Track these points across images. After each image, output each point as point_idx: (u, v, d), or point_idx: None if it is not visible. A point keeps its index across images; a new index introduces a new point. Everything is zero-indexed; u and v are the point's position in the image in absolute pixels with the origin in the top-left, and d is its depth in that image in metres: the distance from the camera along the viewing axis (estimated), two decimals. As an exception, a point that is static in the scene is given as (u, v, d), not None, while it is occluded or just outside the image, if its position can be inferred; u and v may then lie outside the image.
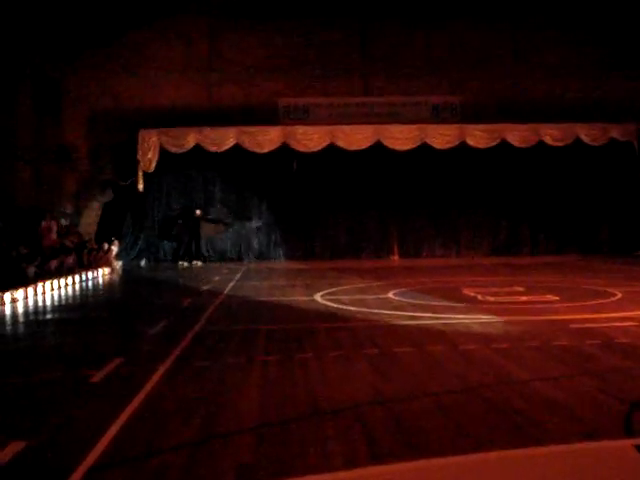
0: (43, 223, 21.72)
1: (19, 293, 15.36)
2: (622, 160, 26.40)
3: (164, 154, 25.37)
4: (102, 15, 25.49)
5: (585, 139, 25.96)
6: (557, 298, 13.82)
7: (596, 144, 26.07)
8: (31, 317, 13.37)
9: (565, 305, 12.86)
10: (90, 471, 4.75)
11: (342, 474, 4.71)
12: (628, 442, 5.22)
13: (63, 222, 25.19)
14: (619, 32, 26.53)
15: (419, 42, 26.80)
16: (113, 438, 5.43)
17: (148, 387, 7.01)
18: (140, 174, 25.09)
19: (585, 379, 7.13)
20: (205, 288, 17.14)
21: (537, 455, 5.02)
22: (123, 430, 5.64)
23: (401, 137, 25.92)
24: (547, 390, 6.71)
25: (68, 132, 26.19)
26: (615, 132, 26.10)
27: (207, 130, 25.43)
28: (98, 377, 7.48)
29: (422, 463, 4.85)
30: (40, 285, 16.83)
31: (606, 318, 11.09)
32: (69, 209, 26.00)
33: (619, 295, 14.08)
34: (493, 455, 5.00)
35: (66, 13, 24.55)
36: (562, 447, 5.17)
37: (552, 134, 25.91)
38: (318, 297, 14.87)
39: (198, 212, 25.60)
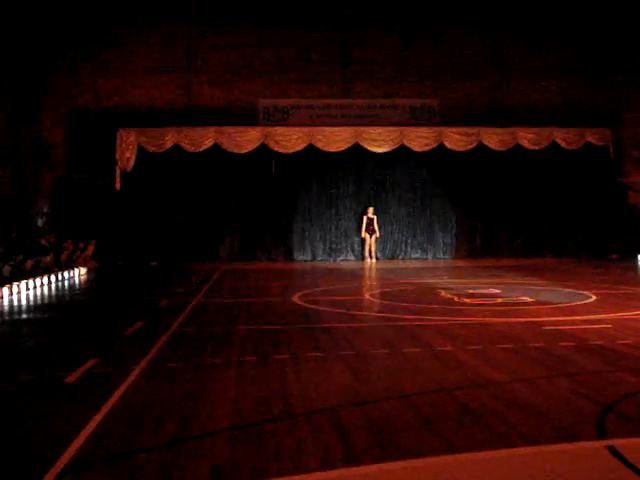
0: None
1: (-6, 293, 15.24)
2: (597, 165, 26.62)
3: (142, 154, 25.25)
4: (82, 14, 25.39)
5: (561, 143, 26.16)
6: (532, 300, 13.93)
7: (572, 148, 26.27)
8: (6, 317, 13.26)
9: (540, 307, 12.96)
10: (63, 472, 4.73)
11: (316, 475, 4.72)
12: (601, 444, 5.28)
13: (40, 221, 25.04)
14: (596, 38, 26.78)
15: (398, 46, 26.87)
16: (87, 439, 5.41)
17: (123, 388, 6.99)
18: (118, 173, 24.95)
19: (559, 381, 7.20)
20: (182, 288, 17.08)
21: (510, 457, 5.06)
22: (97, 431, 5.62)
23: (379, 139, 25.99)
24: (521, 392, 6.76)
25: (46, 131, 26.01)
26: (591, 137, 26.31)
27: (186, 130, 25.35)
28: (72, 378, 7.44)
29: (394, 465, 4.87)
30: (15, 285, 16.68)
31: (581, 320, 11.19)
32: (46, 208, 25.82)
33: (594, 298, 14.21)
34: (465, 457, 5.03)
35: (46, 11, 24.42)
36: (535, 449, 5.22)
37: (529, 138, 26.10)
38: (296, 298, 14.88)
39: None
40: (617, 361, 8.14)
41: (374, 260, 26.55)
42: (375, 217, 26.78)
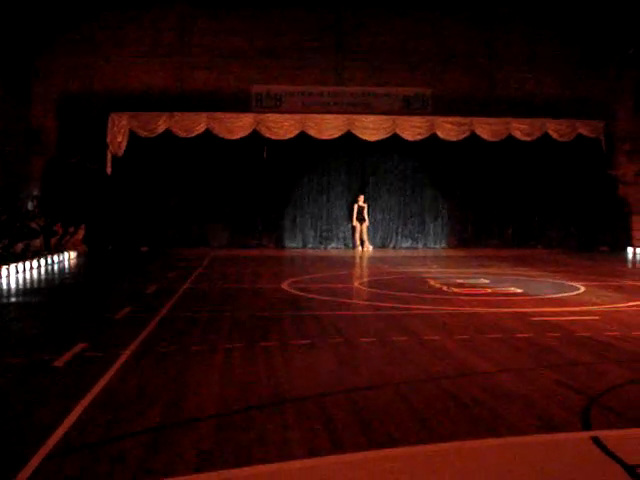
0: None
1: (-17, 275, 15.19)
2: (589, 156, 26.65)
3: (134, 138, 25.14)
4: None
5: (553, 134, 26.17)
6: (521, 291, 13.98)
7: (564, 140, 26.30)
8: (-6, 300, 13.23)
9: (529, 298, 13.01)
10: (49, 456, 4.72)
11: (302, 462, 4.73)
12: (586, 434, 5.31)
13: (30, 205, 24.94)
14: (589, 30, 26.77)
15: (392, 33, 26.81)
16: (73, 424, 5.41)
17: (110, 373, 6.98)
18: (109, 158, 24.84)
19: (546, 372, 7.23)
20: (172, 274, 17.06)
21: (495, 446, 5.09)
22: (84, 416, 5.62)
23: (372, 127, 25.94)
24: (507, 382, 6.79)
25: (37, 114, 25.88)
26: (583, 129, 26.33)
27: (178, 115, 25.24)
28: (60, 362, 7.43)
29: (380, 453, 4.89)
30: (5, 268, 16.63)
31: (569, 312, 11.23)
32: (37, 192, 25.71)
33: (582, 289, 14.27)
34: (451, 446, 5.05)
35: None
36: (520, 439, 5.24)
37: (521, 128, 26.09)
38: (285, 285, 14.89)
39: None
40: (604, 353, 8.18)
41: (368, 248, 26.55)
42: (366, 205, 26.78)
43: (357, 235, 26.93)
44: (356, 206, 26.80)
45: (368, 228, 26.97)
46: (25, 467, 4.53)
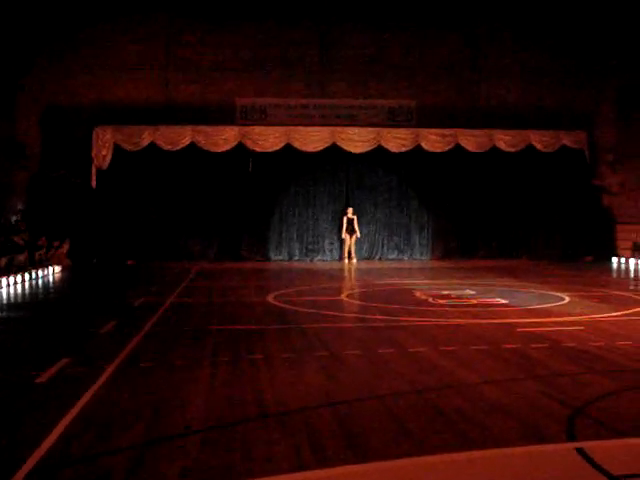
0: None
1: (-34, 291, 15.08)
2: (573, 167, 26.79)
3: (119, 152, 25.07)
4: (59, 10, 25.14)
5: (537, 146, 26.29)
6: (506, 302, 14.00)
7: (548, 151, 26.43)
8: (-22, 315, 13.13)
9: (514, 309, 13.03)
10: (31, 474, 4.69)
11: (287, 477, 4.71)
12: (571, 445, 5.32)
13: (14, 219, 24.79)
14: (572, 41, 26.94)
15: (377, 46, 26.88)
16: (56, 441, 5.37)
17: (94, 388, 6.94)
18: (94, 171, 24.75)
19: (531, 383, 7.24)
20: (157, 288, 16.99)
21: (481, 458, 5.09)
22: (67, 433, 5.58)
23: (357, 139, 25.99)
24: (493, 393, 6.80)
25: (21, 128, 25.76)
26: (566, 140, 26.47)
27: (162, 128, 25.18)
28: (44, 378, 7.38)
29: (365, 467, 4.87)
30: (-12, 283, 16.53)
31: (554, 322, 11.27)
32: (20, 205, 25.57)
33: (567, 299, 14.32)
34: (436, 458, 5.05)
35: (22, 8, 24.16)
36: (505, 450, 5.25)
37: (505, 140, 26.20)
38: (270, 298, 14.86)
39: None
40: (589, 363, 8.21)
41: (354, 260, 26.55)
42: (355, 217, 26.80)
43: (346, 248, 26.93)
44: (345, 218, 26.81)
45: (357, 240, 26.97)
46: (7, 485, 4.49)
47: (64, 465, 4.89)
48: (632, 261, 24.79)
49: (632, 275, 21.82)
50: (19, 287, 17.95)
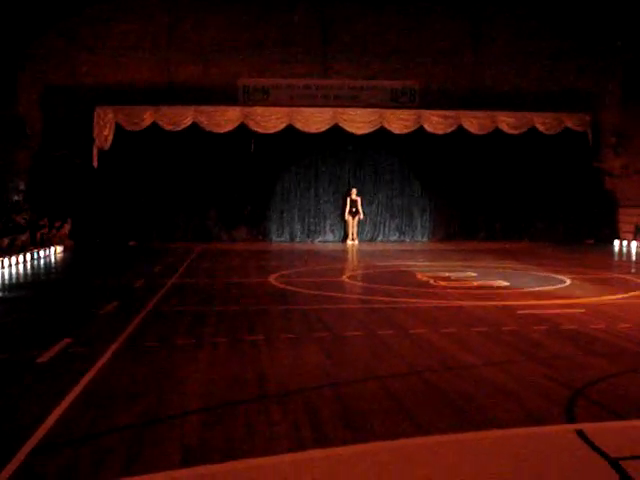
0: None
1: (-32, 270, 15.11)
2: (576, 150, 26.73)
3: (120, 132, 25.05)
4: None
5: (540, 128, 26.22)
6: (507, 284, 14.01)
7: (551, 133, 26.36)
8: (-20, 295, 13.15)
9: (515, 291, 13.05)
10: (32, 453, 4.71)
11: (287, 457, 4.74)
12: (570, 427, 5.34)
13: (16, 199, 24.79)
14: (577, 22, 26.79)
15: (380, 27, 26.73)
16: (57, 420, 5.40)
17: (95, 368, 6.97)
18: (95, 151, 24.73)
19: (531, 365, 7.26)
20: (159, 268, 17.02)
21: (480, 439, 5.11)
22: (68, 412, 5.61)
23: (359, 121, 25.92)
24: (493, 375, 6.81)
25: (23, 108, 25.68)
26: (569, 122, 26.40)
27: (164, 109, 25.14)
28: (45, 358, 7.41)
29: (365, 447, 4.89)
30: (-10, 262, 16.56)
31: (554, 305, 11.28)
32: (22, 186, 25.56)
33: (568, 282, 14.33)
34: (436, 439, 5.07)
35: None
36: (505, 432, 5.27)
37: (508, 122, 26.13)
38: (272, 279, 14.88)
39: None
40: (589, 346, 8.22)
41: (355, 242, 26.57)
42: (359, 199, 26.79)
43: (349, 229, 26.95)
44: (349, 199, 26.81)
45: (359, 222, 26.98)
46: (9, 463, 4.51)
47: (65, 444, 4.91)
48: (634, 244, 24.77)
49: (633, 258, 21.80)
50: (21, 267, 17.98)
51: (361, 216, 26.84)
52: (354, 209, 26.77)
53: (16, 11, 23.88)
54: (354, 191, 26.77)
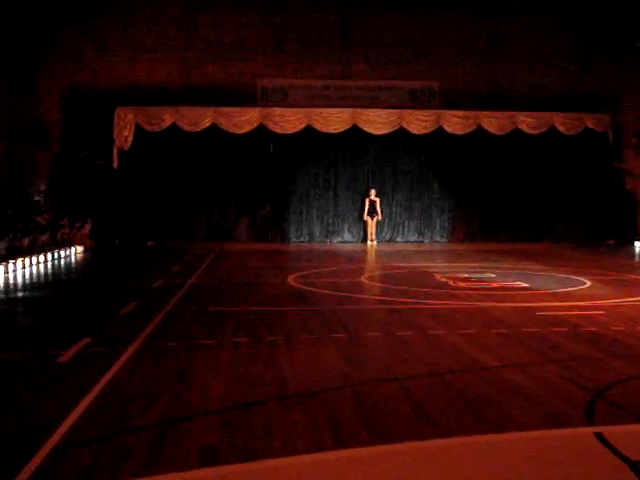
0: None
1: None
2: (596, 150, 26.55)
3: (140, 132, 25.17)
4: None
5: (560, 128, 26.07)
6: (527, 285, 13.95)
7: (571, 133, 26.20)
8: (1, 295, 13.25)
9: (535, 292, 12.98)
10: (53, 452, 4.74)
11: (306, 458, 4.74)
12: (589, 430, 5.31)
13: (37, 199, 24.98)
14: (597, 23, 26.61)
15: (399, 27, 26.69)
16: (78, 418, 5.44)
17: (115, 368, 7.01)
18: (115, 152, 24.85)
19: (550, 367, 7.22)
20: (178, 269, 17.08)
21: (500, 441, 5.09)
22: (88, 411, 5.64)
23: (378, 121, 25.89)
24: (512, 377, 6.79)
25: (43, 109, 25.86)
26: (590, 122, 26.23)
27: (184, 109, 25.23)
28: (65, 357, 7.46)
29: (384, 448, 4.89)
30: (11, 262, 16.69)
31: (574, 306, 11.21)
32: (43, 186, 25.75)
33: (588, 283, 14.24)
34: (455, 441, 5.06)
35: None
36: (524, 434, 5.25)
37: (528, 122, 26.00)
38: (291, 280, 14.89)
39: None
40: (609, 348, 8.17)
41: (374, 243, 26.56)
42: (378, 200, 26.78)
43: (369, 229, 26.94)
44: (367, 200, 26.81)
45: (378, 223, 26.97)
46: (31, 461, 4.55)
47: (85, 444, 4.94)
48: (655, 245, 24.59)
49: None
50: (42, 267, 18.12)
51: (379, 217, 26.82)
52: (373, 210, 26.75)
53: (35, 13, 24.07)
54: (373, 192, 26.76)
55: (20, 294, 13.71)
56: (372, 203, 26.77)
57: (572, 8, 26.55)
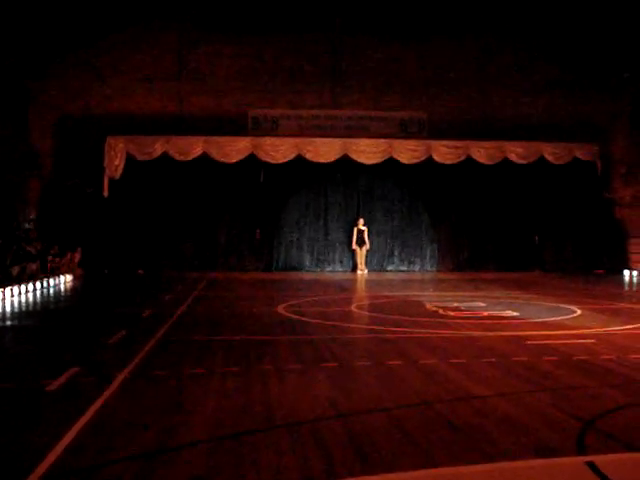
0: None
1: (-22, 299, 15.14)
2: (585, 179, 26.74)
3: (131, 161, 25.22)
4: (72, 21, 25.29)
5: (549, 158, 26.26)
6: (517, 314, 13.95)
7: (560, 163, 26.39)
8: (-11, 324, 13.17)
9: (525, 321, 12.98)
10: (40, 482, 4.69)
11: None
12: (581, 459, 5.28)
13: (27, 227, 24.91)
14: (585, 53, 26.91)
15: (388, 58, 26.94)
16: (65, 449, 5.37)
17: (104, 397, 6.94)
18: (106, 181, 24.86)
19: (541, 396, 7.20)
20: (168, 297, 17.02)
21: (490, 471, 5.06)
22: (76, 441, 5.58)
23: (368, 151, 26.03)
24: (503, 406, 6.76)
25: (35, 137, 25.91)
26: (578, 152, 26.43)
27: (174, 139, 25.32)
28: (54, 386, 7.39)
29: (373, 478, 4.85)
30: (0, 291, 16.59)
31: (565, 335, 11.21)
32: (33, 214, 25.70)
33: (578, 312, 14.26)
34: (446, 471, 5.02)
35: (35, 19, 24.32)
36: (515, 463, 5.21)
37: (517, 152, 26.18)
38: (281, 309, 14.86)
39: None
40: (600, 377, 8.15)
41: (364, 272, 26.57)
42: (365, 228, 26.86)
43: (358, 259, 26.98)
44: (356, 229, 26.87)
45: (367, 252, 27.02)
46: (16, 493, 4.50)
47: (72, 474, 4.89)
48: (644, 274, 24.67)
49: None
50: (31, 295, 18.02)
51: (367, 246, 26.87)
52: (361, 239, 26.81)
53: (29, 42, 24.17)
54: (361, 221, 26.85)
55: (9, 323, 13.61)
56: (360, 232, 26.84)
57: (560, 39, 26.85)
